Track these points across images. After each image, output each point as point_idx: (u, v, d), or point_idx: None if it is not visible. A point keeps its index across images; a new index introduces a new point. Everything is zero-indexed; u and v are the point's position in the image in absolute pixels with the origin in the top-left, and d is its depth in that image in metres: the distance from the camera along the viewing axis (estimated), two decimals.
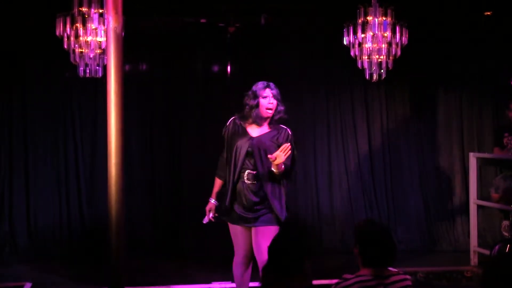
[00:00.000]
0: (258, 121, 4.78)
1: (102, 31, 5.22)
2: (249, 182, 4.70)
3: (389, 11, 5.29)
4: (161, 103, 7.40)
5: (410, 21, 5.49)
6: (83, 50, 5.37)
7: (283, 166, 4.61)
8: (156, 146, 7.38)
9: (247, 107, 4.80)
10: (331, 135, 7.62)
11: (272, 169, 4.60)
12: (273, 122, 4.80)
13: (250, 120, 4.80)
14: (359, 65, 5.50)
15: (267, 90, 4.77)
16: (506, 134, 6.77)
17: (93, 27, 5.23)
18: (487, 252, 6.42)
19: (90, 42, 5.30)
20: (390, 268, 3.32)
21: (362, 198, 7.57)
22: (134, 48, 6.67)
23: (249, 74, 7.28)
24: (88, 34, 5.26)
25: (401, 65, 5.77)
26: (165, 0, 6.62)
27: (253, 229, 4.73)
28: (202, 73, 7.48)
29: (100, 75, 5.49)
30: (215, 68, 7.52)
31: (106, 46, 3.97)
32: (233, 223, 4.80)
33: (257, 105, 4.75)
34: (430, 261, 6.93)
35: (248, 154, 4.71)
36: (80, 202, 7.18)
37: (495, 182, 6.76)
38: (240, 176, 4.73)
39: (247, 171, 4.70)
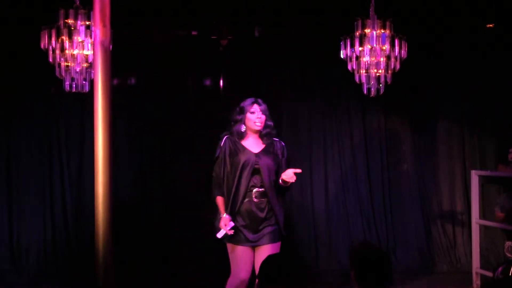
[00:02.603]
0: (244, 136, 4.95)
1: (89, 44, 5.19)
2: (257, 200, 4.84)
3: (387, 24, 5.28)
4: (152, 119, 7.37)
5: (410, 34, 5.49)
6: (69, 64, 5.33)
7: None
8: (146, 163, 7.35)
9: (232, 122, 5.00)
10: (328, 152, 7.59)
11: (285, 180, 4.75)
12: (263, 136, 4.98)
13: (235, 136, 4.96)
14: (357, 80, 5.47)
15: (255, 105, 4.96)
16: (511, 150, 6.75)
17: (80, 40, 5.21)
18: (490, 273, 6.38)
19: (77, 56, 5.26)
20: None
21: (359, 217, 7.53)
22: (123, 62, 6.64)
23: (242, 88, 7.28)
24: (74, 47, 5.23)
25: (400, 80, 5.75)
26: (155, 13, 6.61)
27: (257, 248, 4.84)
28: (194, 87, 7.48)
29: (87, 90, 5.45)
30: (207, 82, 7.51)
31: (93, 60, 3.94)
32: (236, 243, 4.83)
33: (242, 120, 4.95)
34: (431, 282, 6.92)
35: (255, 172, 4.85)
36: (66, 223, 7.11)
37: (499, 201, 6.74)
38: (246, 196, 4.85)
39: (254, 189, 4.85)
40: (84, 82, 5.45)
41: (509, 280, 2.31)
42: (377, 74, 5.41)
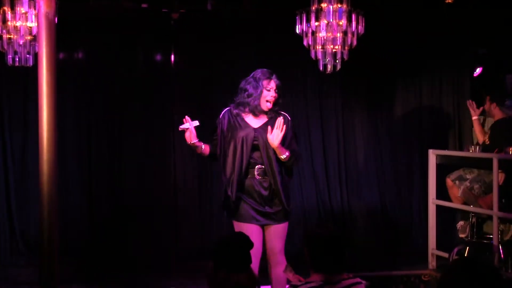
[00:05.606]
0: (256, 112, 4.89)
1: (33, 16, 5.12)
2: (259, 177, 4.83)
3: None
4: (99, 96, 7.31)
5: (368, 9, 5.54)
6: (12, 36, 5.26)
7: (287, 153, 4.80)
8: (94, 142, 7.29)
9: (245, 93, 4.88)
10: None
11: (280, 156, 4.77)
12: (269, 111, 4.93)
13: (247, 109, 4.89)
14: (313, 56, 5.50)
15: (272, 82, 4.89)
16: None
17: (23, 11, 5.14)
18: (445, 254, 6.54)
19: (20, 28, 5.19)
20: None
21: (315, 198, 7.60)
22: (69, 36, 6.58)
23: (194, 65, 7.28)
24: (17, 19, 5.16)
25: (358, 57, 5.82)
26: None
27: (266, 228, 4.88)
28: (144, 63, 7.43)
29: (31, 64, 5.39)
30: (158, 58, 7.47)
31: (38, 32, 3.92)
32: (243, 221, 4.83)
33: (259, 96, 4.84)
34: (387, 263, 7.00)
35: (255, 148, 4.84)
36: (9, 207, 7.03)
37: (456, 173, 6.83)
38: (249, 172, 4.84)
39: (256, 166, 4.84)
40: (28, 55, 5.38)
41: (464, 261, 2.38)
42: (334, 50, 5.45)
